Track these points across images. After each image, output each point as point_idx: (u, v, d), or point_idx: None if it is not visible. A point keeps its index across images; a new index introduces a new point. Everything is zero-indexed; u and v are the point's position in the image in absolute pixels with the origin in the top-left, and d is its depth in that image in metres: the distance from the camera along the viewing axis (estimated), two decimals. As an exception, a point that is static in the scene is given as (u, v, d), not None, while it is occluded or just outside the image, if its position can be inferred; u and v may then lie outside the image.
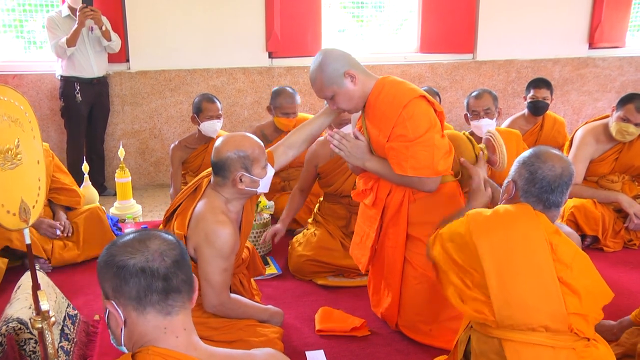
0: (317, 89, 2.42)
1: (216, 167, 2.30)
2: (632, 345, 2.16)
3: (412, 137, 2.28)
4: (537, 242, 1.75)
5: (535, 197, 1.85)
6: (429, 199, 2.45)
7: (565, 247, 1.77)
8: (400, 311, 2.57)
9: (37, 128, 1.91)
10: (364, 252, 2.61)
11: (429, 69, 5.63)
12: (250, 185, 2.30)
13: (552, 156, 1.87)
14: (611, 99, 6.00)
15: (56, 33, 4.47)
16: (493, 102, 3.43)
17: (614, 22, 5.92)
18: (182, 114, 5.18)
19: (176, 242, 1.34)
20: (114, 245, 1.31)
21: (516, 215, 1.82)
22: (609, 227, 3.58)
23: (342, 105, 2.42)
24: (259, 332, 2.37)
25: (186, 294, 1.30)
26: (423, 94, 2.35)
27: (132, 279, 1.25)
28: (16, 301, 2.35)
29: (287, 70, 5.32)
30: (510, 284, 1.72)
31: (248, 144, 2.29)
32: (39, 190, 1.89)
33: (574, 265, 1.74)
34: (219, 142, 2.31)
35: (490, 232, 1.79)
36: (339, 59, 2.36)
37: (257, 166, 2.29)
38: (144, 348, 1.26)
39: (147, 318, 1.27)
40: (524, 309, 1.70)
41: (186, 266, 1.32)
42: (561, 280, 1.72)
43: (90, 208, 3.60)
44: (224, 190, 2.32)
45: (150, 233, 1.34)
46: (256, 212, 3.51)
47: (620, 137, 3.55)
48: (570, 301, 1.71)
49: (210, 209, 2.26)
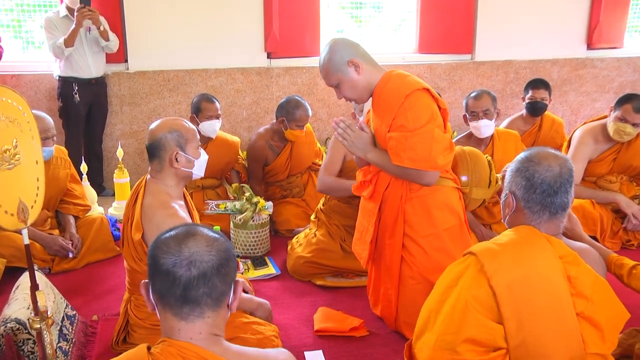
0: (324, 76, 2.48)
1: (151, 149, 2.32)
2: (629, 345, 2.17)
3: (411, 128, 2.30)
4: (555, 278, 1.61)
5: (539, 204, 1.71)
6: (425, 199, 2.45)
7: (584, 277, 1.64)
8: (398, 310, 2.57)
9: (35, 128, 1.91)
10: (364, 246, 2.62)
11: (428, 70, 5.64)
12: (186, 165, 2.32)
13: (546, 155, 1.74)
14: (609, 99, 6.01)
15: (54, 33, 4.46)
16: (492, 103, 3.42)
17: (612, 23, 5.93)
18: (180, 114, 5.17)
19: (218, 250, 1.29)
20: (161, 236, 1.33)
21: (528, 247, 1.66)
22: (607, 228, 3.59)
23: (346, 93, 2.46)
24: (256, 329, 2.37)
25: (207, 306, 1.28)
26: (427, 87, 2.37)
27: (159, 276, 1.27)
28: (14, 301, 2.35)
29: (286, 70, 5.32)
30: (529, 328, 1.59)
31: (181, 125, 2.34)
32: (37, 190, 1.89)
33: (594, 296, 1.63)
34: (153, 126, 2.34)
35: (509, 270, 1.61)
36: (346, 47, 2.41)
37: (191, 146, 2.33)
38: (162, 340, 1.30)
39: (166, 316, 1.30)
40: (543, 357, 1.59)
41: (217, 277, 1.27)
42: (581, 315, 1.61)
43: (96, 219, 3.58)
44: (163, 176, 2.33)
45: (196, 232, 1.31)
46: (255, 212, 3.51)
47: (617, 137, 3.55)
48: (591, 338, 1.62)
49: (159, 203, 2.27)
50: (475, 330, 1.62)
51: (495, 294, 1.60)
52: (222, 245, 1.31)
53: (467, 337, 1.62)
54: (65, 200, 3.51)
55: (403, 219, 2.48)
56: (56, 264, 3.33)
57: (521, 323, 1.59)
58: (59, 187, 3.43)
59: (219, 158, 3.90)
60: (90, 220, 3.56)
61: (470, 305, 1.62)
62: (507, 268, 1.63)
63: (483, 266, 1.63)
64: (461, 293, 1.66)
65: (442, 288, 1.75)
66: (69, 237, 3.40)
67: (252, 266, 3.35)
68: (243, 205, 3.54)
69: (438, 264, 2.41)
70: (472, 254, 1.70)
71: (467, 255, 1.73)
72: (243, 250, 3.52)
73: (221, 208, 3.66)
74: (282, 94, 5.33)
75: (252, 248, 3.52)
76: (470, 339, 1.62)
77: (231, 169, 4.15)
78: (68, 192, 3.52)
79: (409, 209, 2.47)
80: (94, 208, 3.93)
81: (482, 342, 1.62)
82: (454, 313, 1.65)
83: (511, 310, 1.59)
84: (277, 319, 2.73)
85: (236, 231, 3.53)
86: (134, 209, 2.32)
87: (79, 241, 3.42)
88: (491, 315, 1.62)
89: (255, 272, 3.29)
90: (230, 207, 3.60)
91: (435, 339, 1.69)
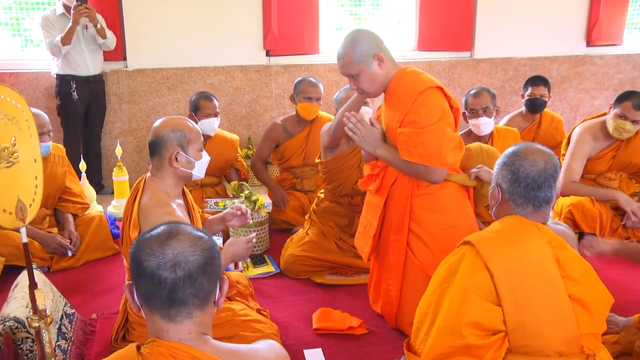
0: (344, 64, 2.43)
1: (153, 146, 2.30)
2: (629, 343, 2.17)
3: (423, 125, 2.31)
4: (547, 261, 1.67)
5: (523, 197, 1.76)
6: (433, 196, 2.45)
7: (572, 261, 1.70)
8: (400, 307, 2.57)
9: (34, 127, 1.90)
10: (367, 241, 2.62)
11: (427, 67, 5.63)
12: (185, 165, 2.31)
13: (533, 151, 1.78)
14: (608, 96, 6.01)
15: (51, 32, 4.45)
16: (491, 101, 3.42)
17: (612, 20, 5.93)
18: (179, 112, 5.16)
19: (203, 249, 1.27)
20: (142, 238, 1.29)
21: (519, 233, 1.72)
22: (606, 225, 3.58)
23: (363, 85, 2.44)
24: (255, 327, 2.37)
25: (195, 306, 1.26)
26: (440, 86, 2.38)
27: (143, 279, 1.25)
28: (13, 300, 2.35)
29: (285, 68, 5.31)
30: (526, 311, 1.64)
31: (185, 125, 2.32)
32: (35, 188, 1.89)
33: (582, 279, 1.68)
34: (157, 123, 2.33)
35: (504, 254, 1.67)
36: (372, 39, 2.41)
37: (193, 147, 2.32)
38: (151, 340, 1.28)
39: (153, 318, 1.28)
40: (540, 337, 1.64)
41: (203, 277, 1.25)
42: (572, 297, 1.67)
43: (94, 217, 3.58)
44: (163, 175, 2.31)
45: (178, 231, 1.28)
46: (254, 210, 3.51)
47: (617, 135, 3.55)
48: (583, 319, 1.67)
49: (156, 202, 2.25)
50: (476, 313, 1.66)
51: (492, 276, 1.65)
52: (207, 244, 1.28)
53: (470, 321, 1.66)
54: (64, 198, 3.51)
55: (409, 216, 2.47)
56: (55, 263, 3.32)
57: (518, 305, 1.64)
58: (57, 184, 3.43)
59: (218, 156, 3.90)
60: (89, 219, 3.56)
61: (469, 289, 1.66)
62: (502, 252, 1.68)
63: (479, 251, 1.68)
64: (460, 279, 1.70)
65: (438, 280, 1.79)
66: (68, 235, 3.39)
67: (252, 264, 3.35)
68: (242, 203, 3.54)
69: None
70: (466, 242, 1.75)
71: (461, 245, 1.78)
72: (242, 248, 3.51)
73: (220, 206, 3.65)
74: (281, 91, 5.33)
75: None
76: (473, 322, 1.66)
77: (230, 166, 4.15)
78: (66, 190, 3.51)
79: (416, 205, 2.46)
80: (92, 206, 3.93)
81: (483, 326, 1.66)
82: (454, 299, 1.69)
83: (509, 292, 1.64)
84: (277, 317, 2.73)
85: (235, 229, 3.52)
86: (132, 207, 2.32)
87: (78, 239, 3.41)
88: (490, 298, 1.66)
89: (254, 270, 3.28)
90: (229, 205, 3.60)
91: (438, 326, 1.72)
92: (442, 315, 1.73)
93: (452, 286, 1.72)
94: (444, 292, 1.75)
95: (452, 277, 1.74)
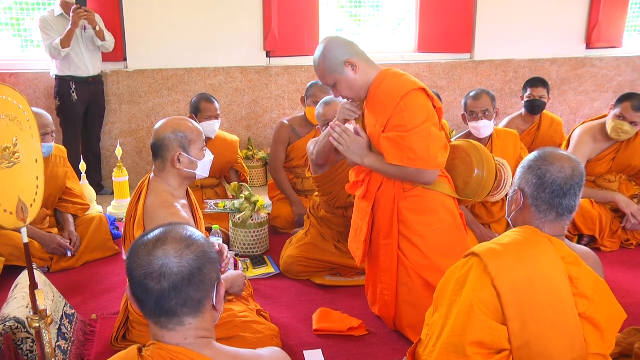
0: (320, 76, 2.45)
1: (155, 148, 2.31)
2: (628, 345, 2.17)
3: (408, 128, 2.29)
4: (558, 279, 1.61)
5: (547, 203, 1.70)
6: (419, 197, 2.45)
7: (586, 278, 1.64)
8: (397, 310, 2.57)
9: (35, 127, 1.90)
10: (358, 245, 2.62)
11: (427, 69, 5.63)
12: (188, 166, 2.32)
13: (560, 157, 1.74)
14: (608, 99, 6.02)
15: (49, 34, 4.44)
16: (491, 103, 3.42)
17: (611, 22, 5.93)
18: (179, 113, 5.16)
19: (190, 258, 1.24)
20: (136, 243, 1.29)
21: (530, 247, 1.66)
22: (606, 227, 3.59)
23: (343, 93, 2.45)
24: (255, 329, 2.37)
25: (186, 315, 1.25)
26: (423, 87, 2.37)
27: (134, 285, 1.26)
28: (13, 300, 2.35)
29: (285, 69, 5.32)
30: (533, 330, 1.59)
31: (186, 126, 2.32)
32: (36, 189, 1.89)
33: (595, 297, 1.63)
34: (158, 125, 2.33)
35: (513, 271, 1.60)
36: (341, 47, 2.38)
37: (195, 147, 2.33)
38: (152, 342, 1.28)
39: (149, 322, 1.29)
40: (546, 357, 1.59)
41: (190, 288, 1.23)
42: (583, 316, 1.62)
43: (94, 218, 3.58)
44: (166, 176, 2.32)
45: (166, 239, 1.25)
46: (254, 211, 3.51)
47: (615, 135, 3.55)
48: (592, 339, 1.61)
49: (161, 203, 2.26)
50: (480, 332, 1.61)
51: (499, 294, 1.60)
52: (195, 252, 1.25)
53: (474, 340, 1.61)
54: (64, 199, 3.51)
55: (397, 219, 2.47)
56: (55, 263, 3.32)
57: (525, 324, 1.59)
58: (57, 185, 3.43)
59: (218, 157, 3.86)
60: (89, 219, 3.56)
61: (475, 306, 1.62)
62: (511, 268, 1.62)
63: (487, 267, 1.62)
64: (467, 294, 1.65)
65: (447, 292, 1.74)
66: (68, 235, 3.39)
67: (251, 265, 3.35)
68: (242, 204, 3.54)
69: (434, 263, 2.41)
70: (475, 254, 1.69)
71: (469, 256, 1.71)
72: (242, 249, 3.52)
73: (220, 207, 3.66)
74: (281, 92, 5.33)
75: (251, 247, 3.52)
76: (478, 341, 1.62)
77: (230, 168, 4.15)
78: (67, 191, 3.52)
79: (404, 208, 2.46)
80: (92, 207, 3.93)
81: (487, 345, 1.62)
82: (460, 315, 1.65)
83: (515, 311, 1.59)
84: (276, 318, 2.74)
85: (235, 230, 3.53)
86: (136, 207, 2.32)
87: (78, 239, 3.41)
88: (495, 317, 1.61)
89: (254, 271, 3.28)
90: (229, 206, 3.60)
91: (442, 342, 1.69)
92: (448, 331, 1.68)
93: (459, 300, 1.67)
94: (451, 304, 1.70)
95: (460, 289, 1.68)
